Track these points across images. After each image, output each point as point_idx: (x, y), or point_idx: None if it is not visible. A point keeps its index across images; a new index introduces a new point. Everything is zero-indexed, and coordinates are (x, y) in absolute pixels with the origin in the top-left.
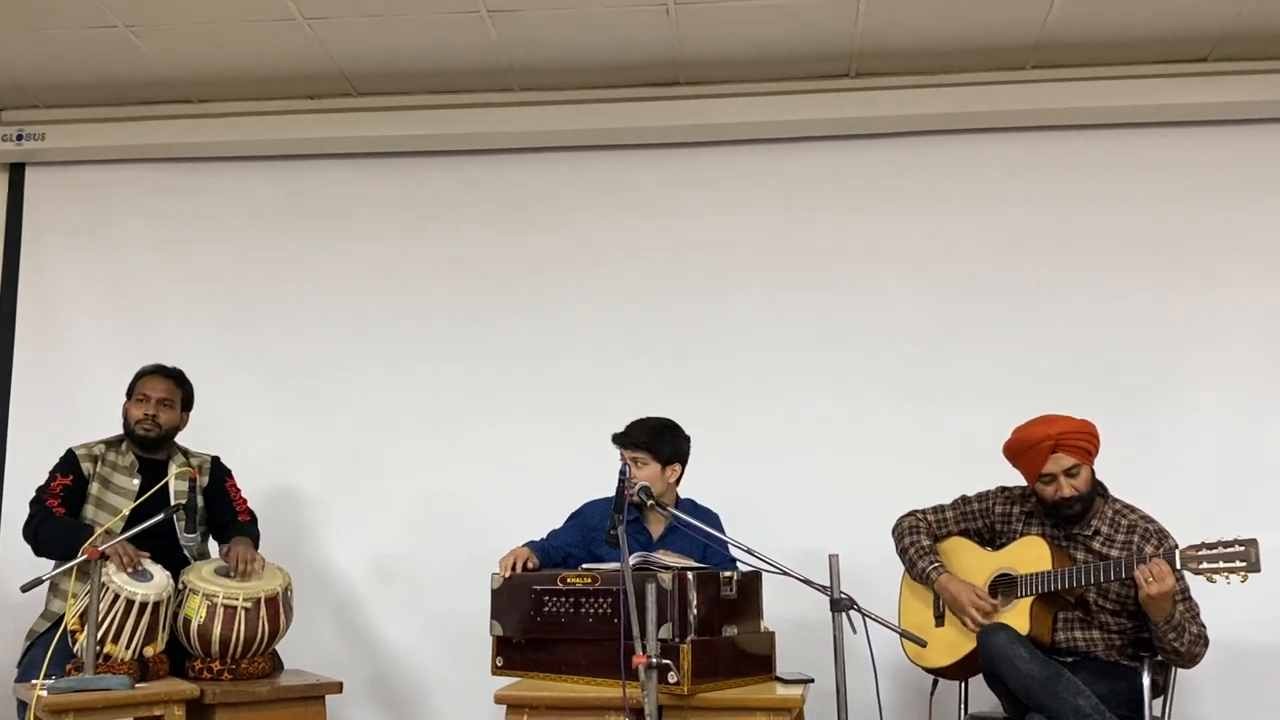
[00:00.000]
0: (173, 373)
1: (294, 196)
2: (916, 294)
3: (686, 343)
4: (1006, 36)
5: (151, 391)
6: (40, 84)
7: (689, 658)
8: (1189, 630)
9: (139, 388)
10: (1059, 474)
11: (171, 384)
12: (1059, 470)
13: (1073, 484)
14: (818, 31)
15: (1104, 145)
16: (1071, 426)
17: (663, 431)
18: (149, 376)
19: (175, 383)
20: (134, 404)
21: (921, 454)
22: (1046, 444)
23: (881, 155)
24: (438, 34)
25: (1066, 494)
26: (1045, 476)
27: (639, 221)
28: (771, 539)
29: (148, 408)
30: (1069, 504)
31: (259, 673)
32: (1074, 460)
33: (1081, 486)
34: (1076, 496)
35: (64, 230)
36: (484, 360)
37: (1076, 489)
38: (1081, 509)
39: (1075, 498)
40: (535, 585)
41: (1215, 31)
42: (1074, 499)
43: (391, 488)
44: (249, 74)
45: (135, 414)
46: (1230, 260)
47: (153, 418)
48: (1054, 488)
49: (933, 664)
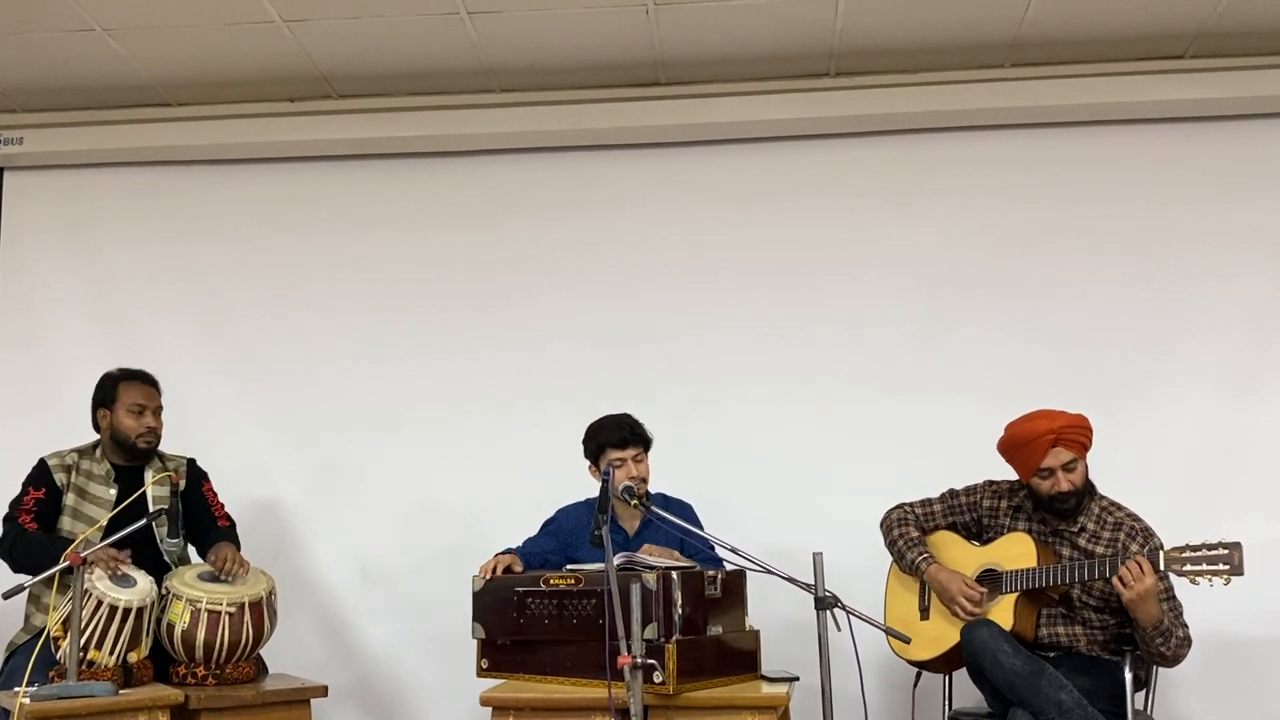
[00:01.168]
0: (153, 378)
1: (274, 199)
2: (897, 290)
3: (668, 340)
4: (985, 34)
5: (147, 401)
6: (18, 88)
7: (674, 657)
8: (1175, 634)
9: (128, 397)
10: (1057, 468)
11: (157, 390)
12: (1058, 464)
13: (1070, 478)
14: (797, 31)
15: (1082, 142)
16: (1070, 421)
17: (638, 422)
18: (136, 384)
19: (157, 388)
20: (127, 414)
21: (902, 449)
22: (1048, 438)
23: (861, 153)
24: (417, 36)
25: (1064, 488)
26: (1043, 471)
27: (620, 221)
28: (752, 535)
29: (148, 420)
30: (1065, 498)
31: (243, 677)
32: (1072, 455)
33: (1078, 481)
34: (1073, 491)
35: (43, 234)
36: (466, 361)
37: (1073, 483)
38: (1076, 503)
39: (1071, 492)
40: (517, 587)
41: (1193, 28)
42: (1070, 493)
43: (374, 489)
44: (228, 77)
45: (134, 426)
46: (1208, 256)
47: (153, 430)
48: (1051, 482)
49: (916, 657)
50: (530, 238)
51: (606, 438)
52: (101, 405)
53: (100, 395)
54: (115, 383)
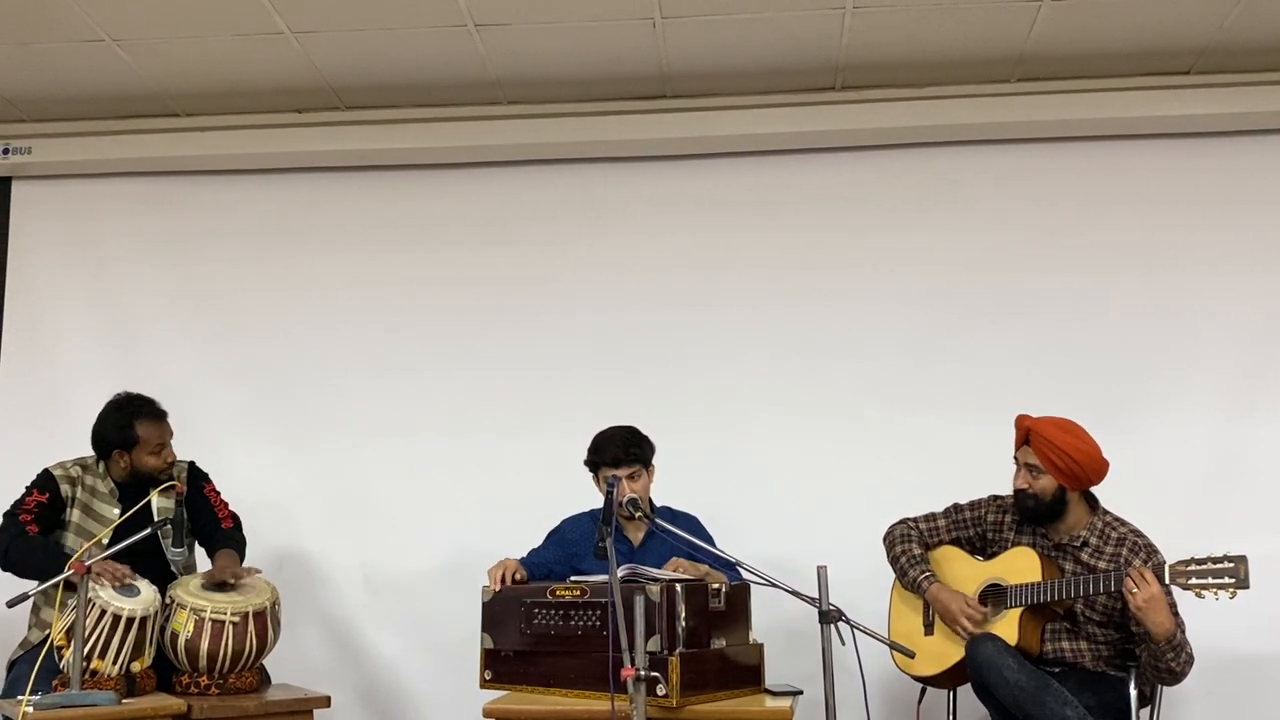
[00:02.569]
0: (161, 408)
1: (282, 210)
2: (902, 304)
3: (672, 352)
4: (991, 49)
5: (165, 438)
6: (26, 97)
7: (678, 670)
8: (1186, 649)
9: (149, 437)
10: (1022, 463)
11: (167, 418)
12: (1023, 460)
13: (1030, 478)
14: (803, 45)
15: (1089, 157)
16: (1046, 432)
17: (643, 438)
18: (153, 423)
19: (166, 416)
20: (149, 456)
21: (906, 463)
22: (1021, 432)
23: (867, 167)
24: (425, 48)
25: (1020, 484)
26: (1015, 458)
27: (626, 233)
28: (756, 548)
29: (170, 454)
30: (1024, 496)
31: (246, 687)
32: (1036, 461)
33: (1039, 489)
34: (1029, 492)
35: (50, 243)
36: (472, 372)
37: (1030, 484)
38: (1043, 511)
39: (1028, 492)
40: (525, 598)
41: (1199, 44)
42: (1027, 493)
43: (378, 500)
44: (236, 88)
45: (157, 465)
46: (1213, 272)
47: (173, 462)
48: (1018, 475)
49: (921, 672)
50: (536, 250)
51: (602, 455)
52: (118, 447)
53: (117, 438)
54: (130, 423)
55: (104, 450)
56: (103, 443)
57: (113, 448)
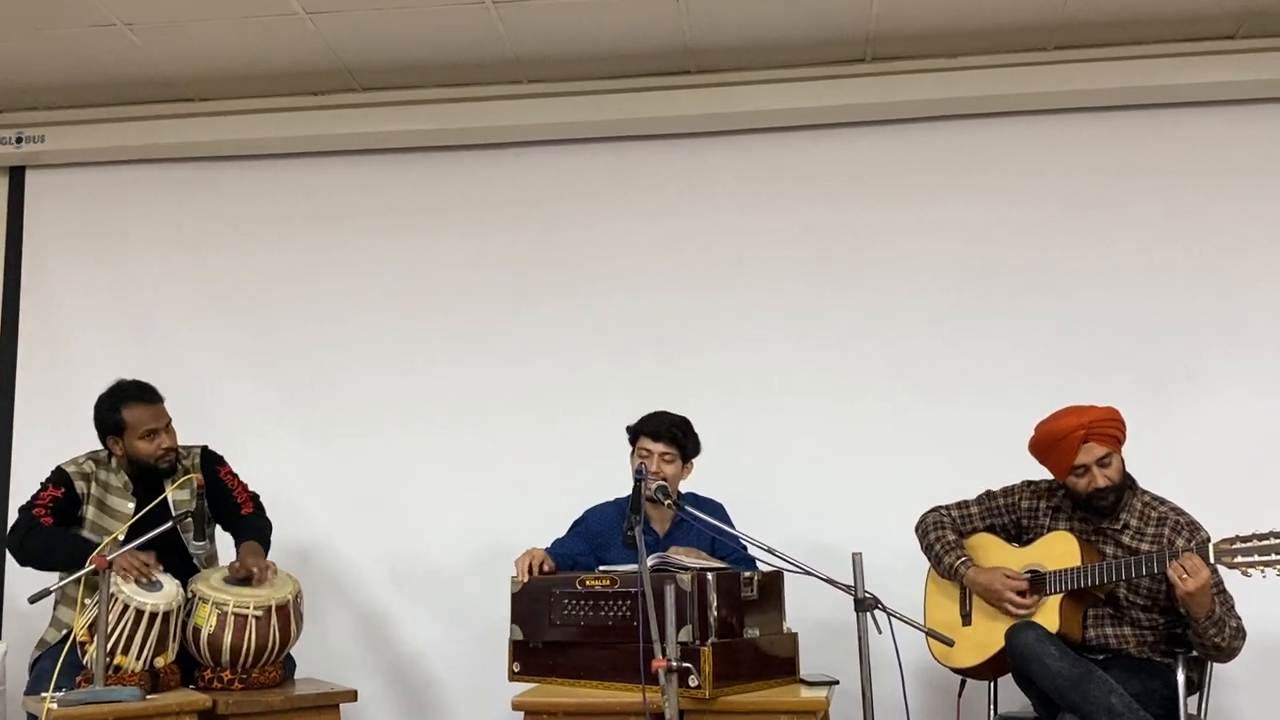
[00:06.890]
0: (155, 391)
1: (299, 195)
2: (937, 282)
3: (698, 335)
4: (1027, 16)
5: (156, 422)
6: (39, 85)
7: (710, 660)
8: (1229, 624)
9: (136, 421)
10: (1092, 464)
11: (161, 403)
12: (1091, 460)
13: (1106, 474)
14: (831, 15)
15: (1130, 127)
16: (1100, 415)
17: (689, 429)
18: (139, 405)
19: (161, 400)
20: (140, 440)
21: (941, 448)
22: (1078, 434)
23: (899, 141)
24: (442, 26)
25: (1100, 484)
26: (1078, 469)
27: (651, 213)
28: (788, 535)
29: (163, 440)
30: (1103, 495)
31: (270, 682)
32: (1105, 449)
33: (1114, 476)
34: (1110, 486)
35: (66, 233)
36: (498, 357)
37: (1110, 479)
38: (1115, 499)
39: (1109, 488)
40: (554, 588)
41: (1243, 7)
42: (1108, 489)
43: (403, 491)
44: (251, 71)
45: (151, 450)
46: (1260, 246)
47: (170, 448)
48: (1087, 479)
49: (960, 664)
50: (559, 230)
51: (644, 424)
52: (109, 433)
53: (104, 423)
54: (116, 407)
55: (101, 438)
56: (99, 430)
57: (106, 434)
